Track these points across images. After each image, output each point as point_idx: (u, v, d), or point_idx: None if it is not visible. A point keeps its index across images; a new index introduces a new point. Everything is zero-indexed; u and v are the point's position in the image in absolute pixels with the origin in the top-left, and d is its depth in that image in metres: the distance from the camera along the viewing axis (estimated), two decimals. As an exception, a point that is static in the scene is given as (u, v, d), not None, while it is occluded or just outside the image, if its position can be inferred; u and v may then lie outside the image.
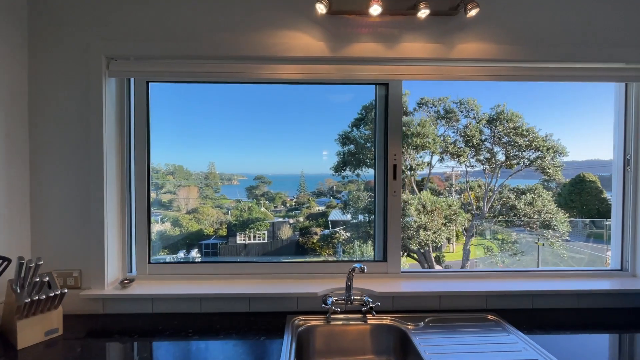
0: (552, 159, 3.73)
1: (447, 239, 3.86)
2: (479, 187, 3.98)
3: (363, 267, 1.29)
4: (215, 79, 1.47)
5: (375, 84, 1.60)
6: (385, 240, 1.59)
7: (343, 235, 3.28)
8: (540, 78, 1.49)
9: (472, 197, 3.97)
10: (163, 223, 2.71)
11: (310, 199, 3.32)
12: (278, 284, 1.48)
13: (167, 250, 2.61)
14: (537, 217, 3.71)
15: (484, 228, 3.92)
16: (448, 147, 3.85)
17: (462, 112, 3.83)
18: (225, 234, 3.11)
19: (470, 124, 3.82)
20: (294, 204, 3.38)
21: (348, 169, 3.24)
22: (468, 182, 4.00)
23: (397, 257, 1.59)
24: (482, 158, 3.87)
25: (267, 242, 3.14)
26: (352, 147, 3.22)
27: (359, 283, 1.46)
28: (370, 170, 1.70)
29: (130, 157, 1.53)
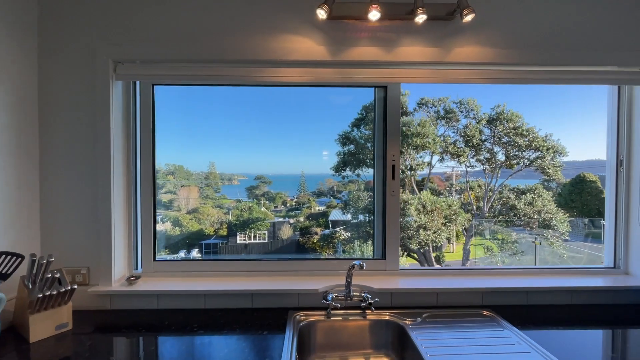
0: (552, 159, 3.79)
1: (447, 239, 3.92)
2: (479, 187, 4.04)
3: (362, 264, 1.36)
4: (220, 82, 1.54)
5: (374, 87, 1.67)
6: (384, 239, 1.66)
7: (343, 235, 3.33)
8: (536, 81, 1.55)
9: (472, 197, 4.04)
10: (163, 223, 2.77)
11: (311, 199, 3.36)
12: (280, 281, 1.55)
13: (167, 250, 2.67)
14: (537, 217, 3.77)
15: (484, 228, 3.98)
16: (448, 147, 3.90)
17: (462, 112, 3.89)
18: (226, 234, 3.16)
19: (470, 124, 3.88)
20: (294, 204, 3.42)
21: (348, 169, 3.28)
22: (468, 182, 4.05)
23: (395, 255, 1.65)
24: (482, 158, 3.93)
25: (267, 242, 3.18)
26: (352, 147, 3.27)
27: (359, 280, 1.53)
28: (371, 170, 1.75)
29: (136, 157, 1.60)
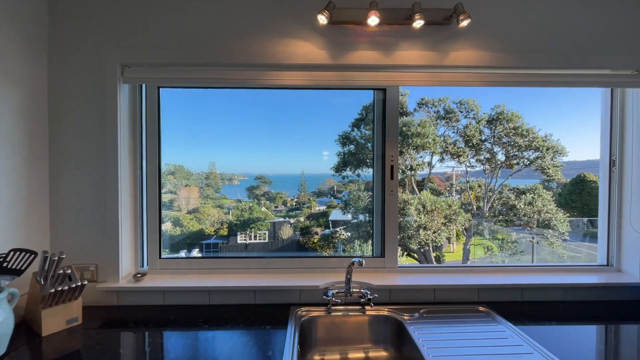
0: (551, 159, 3.85)
1: (447, 239, 3.99)
2: (479, 187, 4.11)
3: (361, 260, 1.43)
4: (223, 85, 1.61)
5: (374, 89, 1.74)
6: (383, 237, 1.73)
7: (343, 235, 3.38)
8: (531, 84, 1.61)
9: (472, 197, 4.10)
10: (164, 223, 2.83)
11: (311, 199, 3.40)
12: (282, 278, 1.62)
13: (167, 250, 2.73)
14: (537, 217, 3.83)
15: (484, 228, 4.04)
16: (448, 147, 3.97)
17: (462, 112, 3.96)
18: (226, 234, 3.20)
19: (470, 124, 3.95)
20: (295, 204, 3.45)
21: (349, 169, 3.33)
22: (468, 182, 4.12)
23: (394, 252, 1.72)
24: (482, 158, 3.99)
25: (267, 241, 3.22)
26: (352, 147, 3.32)
27: (358, 277, 1.60)
28: (371, 170, 1.82)
29: (142, 158, 1.67)
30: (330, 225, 3.39)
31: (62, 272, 1.30)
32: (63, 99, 1.53)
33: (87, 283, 1.37)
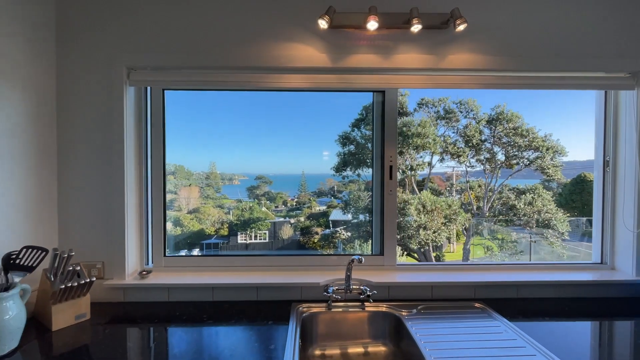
0: (551, 159, 3.91)
1: (447, 239, 4.05)
2: (479, 187, 4.17)
3: (361, 258, 1.50)
4: (227, 87, 1.67)
5: (373, 92, 1.81)
6: (382, 236, 1.80)
7: (344, 235, 3.42)
8: (527, 86, 1.68)
9: (472, 196, 4.17)
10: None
11: (311, 199, 3.43)
12: (283, 275, 1.68)
13: (168, 250, 2.78)
14: (536, 216, 3.89)
15: (484, 227, 4.11)
16: (448, 147, 4.04)
17: (462, 112, 4.03)
18: (227, 234, 3.25)
19: (470, 124, 4.02)
20: (295, 204, 3.48)
21: (349, 169, 3.37)
22: (468, 182, 4.19)
23: (393, 251, 1.79)
24: (482, 158, 4.06)
25: (268, 241, 3.25)
26: (352, 147, 3.37)
27: (358, 274, 1.67)
28: (371, 170, 1.89)
29: (148, 158, 1.74)
30: (331, 225, 3.42)
31: (71, 269, 1.36)
32: (71, 101, 1.59)
33: (95, 280, 1.43)
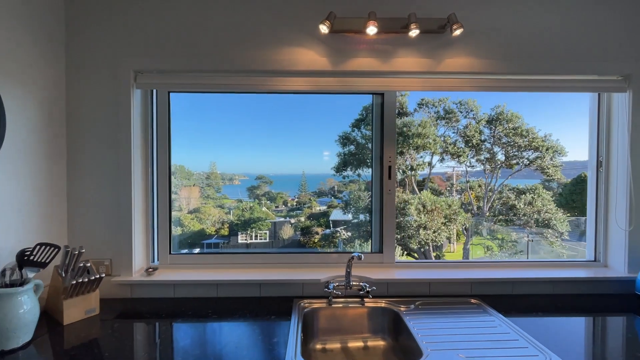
0: (551, 159, 3.97)
1: (447, 239, 4.11)
2: (479, 186, 4.23)
3: (360, 255, 1.57)
4: (230, 90, 1.75)
5: (372, 94, 1.88)
6: (382, 234, 1.87)
7: (344, 235, 3.48)
8: (522, 89, 1.76)
9: (472, 196, 4.24)
10: (164, 222, 2.93)
11: (312, 199, 3.47)
12: (285, 272, 1.76)
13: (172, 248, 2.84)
14: (536, 216, 3.95)
15: (484, 227, 4.18)
16: (448, 147, 4.10)
17: (462, 112, 4.09)
18: (227, 234, 3.31)
19: (470, 124, 4.08)
20: (295, 204, 3.52)
21: (349, 169, 3.43)
22: (468, 182, 4.25)
23: (391, 248, 1.87)
24: (482, 158, 4.12)
25: (268, 241, 3.30)
26: (352, 147, 3.43)
27: (357, 271, 1.74)
28: (371, 171, 1.96)
29: (154, 158, 1.82)
30: (331, 225, 3.46)
31: (81, 265, 1.44)
32: (80, 104, 1.67)
33: (104, 276, 1.51)
